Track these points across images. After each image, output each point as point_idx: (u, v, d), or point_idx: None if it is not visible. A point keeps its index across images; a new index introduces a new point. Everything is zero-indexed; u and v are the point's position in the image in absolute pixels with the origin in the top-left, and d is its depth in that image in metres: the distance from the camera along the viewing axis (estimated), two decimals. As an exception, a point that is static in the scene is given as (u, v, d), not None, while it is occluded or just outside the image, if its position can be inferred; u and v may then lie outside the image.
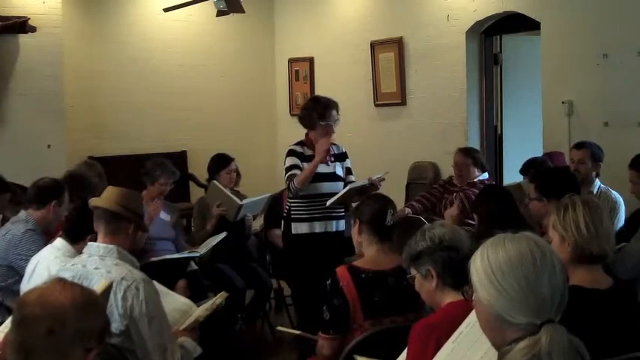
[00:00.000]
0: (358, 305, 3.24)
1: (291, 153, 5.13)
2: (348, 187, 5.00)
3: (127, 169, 7.20)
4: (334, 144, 5.26)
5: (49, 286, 1.92)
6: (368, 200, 3.60)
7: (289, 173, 5.06)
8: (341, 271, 3.30)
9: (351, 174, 5.30)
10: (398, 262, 3.19)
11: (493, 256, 1.85)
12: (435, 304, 2.79)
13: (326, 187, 5.11)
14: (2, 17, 7.13)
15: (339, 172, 5.21)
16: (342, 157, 5.28)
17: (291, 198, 5.15)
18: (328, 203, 4.98)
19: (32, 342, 1.83)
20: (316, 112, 5.05)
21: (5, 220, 4.67)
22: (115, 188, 3.33)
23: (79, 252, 3.53)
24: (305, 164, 5.07)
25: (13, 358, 1.85)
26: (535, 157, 5.48)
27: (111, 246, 3.14)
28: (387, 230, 3.40)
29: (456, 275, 2.69)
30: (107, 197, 3.26)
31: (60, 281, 1.94)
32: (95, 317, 1.89)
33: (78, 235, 3.71)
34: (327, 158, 5.17)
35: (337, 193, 5.05)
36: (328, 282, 3.31)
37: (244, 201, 5.62)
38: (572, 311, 1.90)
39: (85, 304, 1.87)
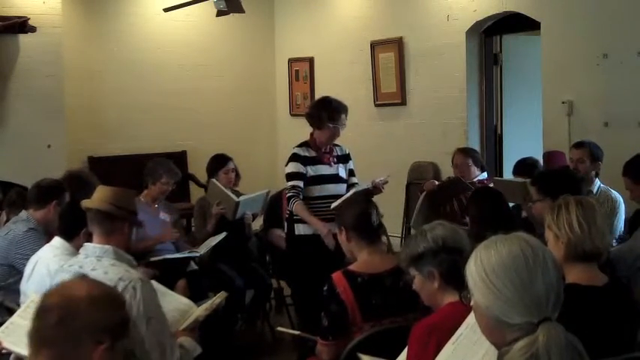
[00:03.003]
0: (356, 309, 3.23)
1: (294, 157, 5.09)
2: (353, 191, 4.98)
3: (127, 169, 7.21)
4: (337, 145, 5.25)
5: (72, 281, 2.00)
6: (347, 206, 3.59)
7: (291, 185, 5.02)
8: (337, 276, 3.29)
9: (354, 175, 5.29)
10: (393, 263, 3.19)
11: (486, 259, 1.87)
12: (434, 305, 2.79)
13: (329, 188, 5.10)
14: (2, 17, 7.14)
15: (342, 173, 5.20)
16: (345, 158, 5.26)
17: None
18: (333, 206, 4.97)
19: (43, 331, 1.87)
20: (327, 112, 5.02)
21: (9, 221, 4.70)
22: (105, 188, 3.31)
23: (77, 248, 3.54)
24: (309, 168, 5.05)
25: (28, 345, 1.91)
26: (526, 158, 5.47)
27: (107, 246, 3.13)
28: (374, 231, 3.39)
29: (459, 277, 2.68)
30: (98, 197, 3.25)
31: (83, 277, 2.04)
32: (110, 312, 1.91)
33: (72, 231, 3.72)
34: (330, 159, 5.16)
35: (340, 194, 5.04)
36: (324, 288, 3.30)
37: (241, 198, 5.63)
38: (570, 309, 1.90)
39: (101, 298, 1.91)
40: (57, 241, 3.78)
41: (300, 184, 5.02)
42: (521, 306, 1.81)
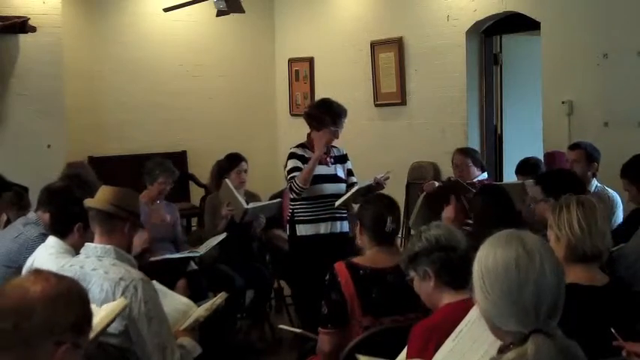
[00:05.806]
0: (356, 301, 3.25)
1: (292, 156, 5.13)
2: (356, 188, 5.01)
3: (127, 169, 7.21)
4: (334, 146, 5.27)
5: (24, 279, 1.88)
6: (370, 202, 3.60)
7: (290, 175, 5.05)
8: (339, 267, 3.32)
9: (353, 175, 5.31)
10: (397, 261, 3.19)
11: (484, 260, 1.87)
12: (433, 305, 2.80)
13: (329, 188, 5.12)
14: (2, 17, 7.13)
15: (341, 173, 5.22)
16: (342, 159, 5.29)
17: (293, 200, 5.14)
18: (337, 204, 4.99)
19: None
20: (330, 116, 5.06)
21: (8, 222, 4.69)
22: (107, 188, 3.32)
23: (72, 246, 3.54)
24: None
25: None
26: (528, 158, 5.48)
27: (108, 246, 3.13)
28: (386, 236, 3.42)
29: (454, 274, 2.70)
30: (100, 197, 3.25)
31: (35, 272, 1.90)
32: (68, 310, 1.82)
33: (64, 228, 3.70)
34: (328, 160, 5.18)
35: (340, 194, 5.07)
36: (327, 277, 3.32)
37: (250, 205, 5.60)
38: (569, 309, 1.90)
39: (56, 296, 1.82)
40: (51, 240, 3.75)
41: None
42: (510, 315, 1.80)
